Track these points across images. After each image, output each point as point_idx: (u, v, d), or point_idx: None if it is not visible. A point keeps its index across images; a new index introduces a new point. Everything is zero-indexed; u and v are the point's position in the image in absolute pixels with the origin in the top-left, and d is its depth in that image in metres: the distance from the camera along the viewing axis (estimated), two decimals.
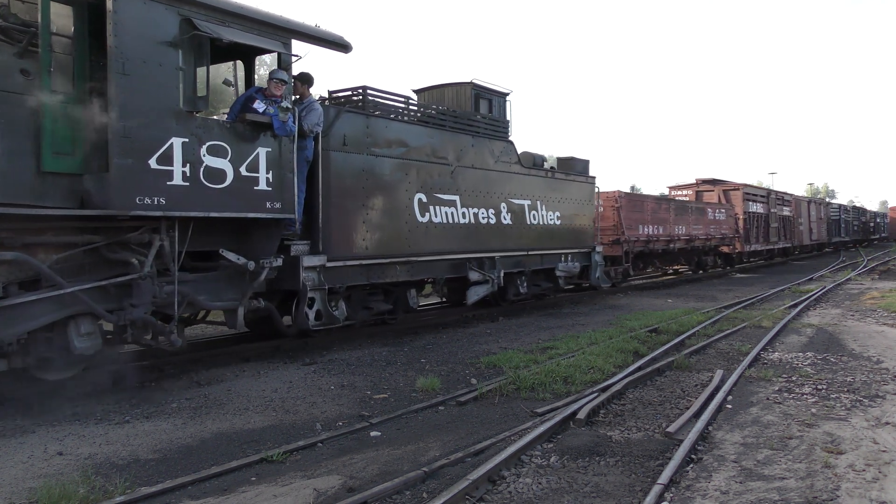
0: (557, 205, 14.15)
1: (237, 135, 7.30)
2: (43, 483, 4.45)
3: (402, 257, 10.08)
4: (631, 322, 11.81)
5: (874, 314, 12.89)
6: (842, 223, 47.19)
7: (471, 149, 11.58)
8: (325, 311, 8.72)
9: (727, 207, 26.16)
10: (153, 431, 5.71)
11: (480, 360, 8.65)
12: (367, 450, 5.27)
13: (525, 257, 13.04)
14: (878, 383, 7.27)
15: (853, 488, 4.44)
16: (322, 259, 8.68)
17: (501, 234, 12.29)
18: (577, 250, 14.80)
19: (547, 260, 13.82)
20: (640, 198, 20.00)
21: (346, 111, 9.36)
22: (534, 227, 13.26)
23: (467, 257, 11.40)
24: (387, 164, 9.85)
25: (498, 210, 12.24)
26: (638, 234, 18.75)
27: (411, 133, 10.44)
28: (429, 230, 10.59)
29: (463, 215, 11.33)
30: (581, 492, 4.43)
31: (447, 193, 11.01)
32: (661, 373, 7.91)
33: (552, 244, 13.89)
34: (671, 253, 21.82)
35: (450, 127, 11.29)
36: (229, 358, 8.61)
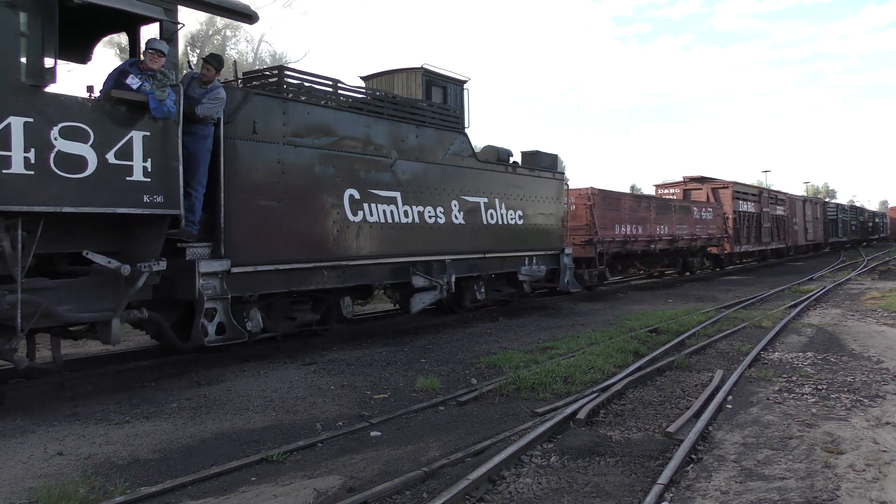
0: (520, 203, 12.92)
1: (103, 115, 6.17)
2: (43, 483, 4.45)
3: (330, 261, 8.93)
4: (631, 322, 11.81)
5: (874, 314, 12.89)
6: (839, 223, 46.24)
7: (415, 140, 10.40)
8: (228, 324, 7.51)
9: (715, 206, 25.05)
10: (153, 431, 5.71)
11: (480, 359, 8.64)
12: (367, 450, 5.27)
13: (482, 260, 11.86)
14: (879, 383, 7.27)
15: (853, 488, 4.44)
16: (224, 264, 7.52)
17: (453, 235, 11.10)
18: (543, 252, 13.58)
19: (508, 263, 12.64)
20: (616, 195, 18.58)
21: (257, 94, 8.18)
22: (492, 227, 12.05)
23: (411, 261, 10.28)
24: (309, 156, 8.68)
25: (448, 208, 11.03)
26: (613, 234, 17.44)
27: (341, 121, 9.21)
28: (363, 231, 9.43)
29: (405, 214, 10.13)
30: (581, 492, 4.43)
31: (386, 189, 9.81)
32: (661, 373, 7.91)
33: (514, 246, 12.71)
34: (652, 254, 20.46)
35: (389, 115, 10.03)
36: (229, 358, 8.61)
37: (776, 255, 33.29)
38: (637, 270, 21.83)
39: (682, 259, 22.92)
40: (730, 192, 26.19)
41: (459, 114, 11.61)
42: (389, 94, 10.59)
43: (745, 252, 27.93)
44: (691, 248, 22.72)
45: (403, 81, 11.53)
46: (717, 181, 27.09)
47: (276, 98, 8.38)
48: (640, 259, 20.33)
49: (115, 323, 6.57)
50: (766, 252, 31.04)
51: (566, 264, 14.24)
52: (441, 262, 10.83)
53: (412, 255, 10.30)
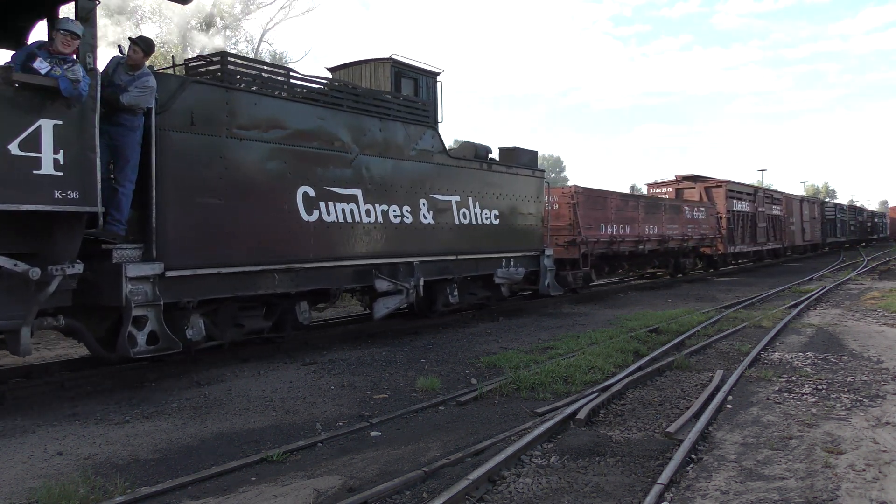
0: (496, 202, 12.23)
1: (3, 102, 5.64)
2: (43, 483, 4.45)
3: (282, 264, 8.28)
4: (631, 322, 11.82)
5: (874, 314, 12.89)
6: (837, 223, 45.64)
7: (379, 134, 9.73)
8: (161, 333, 6.84)
9: (707, 206, 24.33)
10: (153, 431, 5.71)
11: (480, 360, 8.65)
12: (367, 450, 5.27)
13: (454, 262, 11.20)
14: (879, 383, 7.27)
15: (853, 488, 4.44)
16: (156, 267, 6.88)
17: (421, 235, 10.46)
18: (521, 254, 12.91)
19: (483, 265, 11.96)
20: (601, 194, 17.83)
21: (195, 82, 7.58)
22: (464, 227, 11.39)
23: (374, 263, 9.61)
24: (257, 150, 8.06)
25: (416, 207, 10.36)
26: (599, 234, 16.79)
27: (294, 113, 8.55)
28: (319, 231, 8.77)
29: (367, 213, 9.46)
30: (581, 492, 4.43)
31: (345, 187, 9.14)
32: (661, 373, 7.91)
33: (489, 247, 12.04)
34: (641, 255, 19.68)
35: (349, 107, 9.35)
36: (229, 358, 8.61)
37: (773, 256, 32.71)
38: (625, 272, 21.07)
39: (674, 260, 22.30)
40: (723, 191, 25.58)
41: (429, 107, 10.98)
42: (349, 85, 9.85)
43: (739, 253, 27.27)
44: (683, 248, 22.09)
45: (371, 73, 10.89)
46: (710, 180, 26.48)
47: (218, 87, 7.75)
48: (629, 260, 19.66)
49: (25, 332, 5.98)
50: (762, 253, 30.42)
51: (546, 266, 13.56)
52: (408, 264, 10.21)
53: (375, 256, 9.67)
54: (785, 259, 34.24)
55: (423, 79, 11.23)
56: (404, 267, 10.12)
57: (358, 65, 11.09)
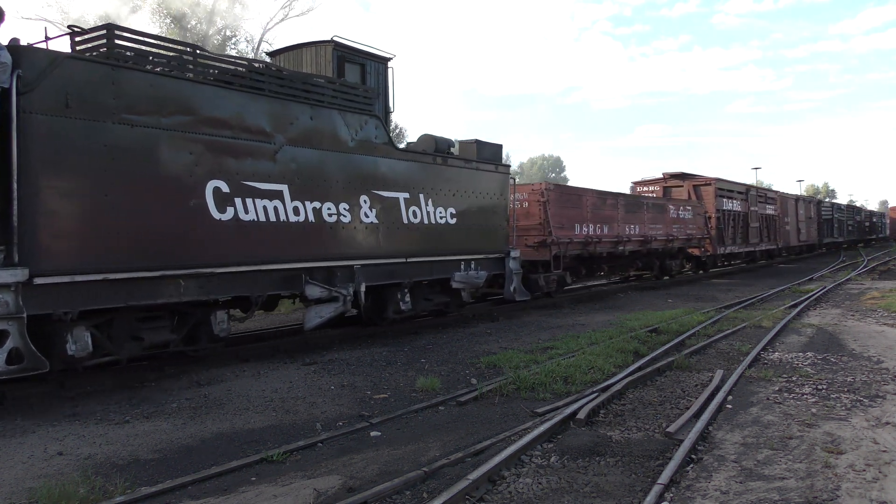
0: (452, 199, 11.23)
1: None
2: (43, 483, 4.45)
3: (190, 269, 7.34)
4: (631, 322, 11.82)
5: (874, 314, 12.89)
6: (835, 223, 44.40)
7: (309, 123, 8.74)
8: (26, 351, 5.94)
9: (695, 205, 23.07)
10: (153, 431, 5.72)
11: (480, 360, 8.65)
12: (367, 450, 5.28)
13: (403, 266, 10.27)
14: (879, 383, 7.27)
15: (853, 488, 4.44)
16: (18, 273, 5.92)
17: (362, 236, 9.51)
18: (483, 256, 11.93)
19: (438, 268, 11.01)
20: (575, 191, 16.84)
21: (71, 58, 6.64)
22: (415, 227, 10.41)
23: (304, 267, 8.64)
24: (155, 139, 7.07)
25: (356, 205, 9.37)
26: (572, 234, 15.68)
27: (203, 97, 7.58)
28: (235, 231, 7.81)
29: (295, 211, 8.49)
30: (581, 492, 4.44)
31: (267, 182, 8.18)
32: (661, 373, 7.91)
33: (445, 248, 11.06)
34: (621, 256, 18.53)
35: (272, 92, 8.35)
36: (229, 358, 8.61)
37: (766, 257, 31.78)
38: (606, 274, 19.84)
39: (659, 261, 21.20)
40: (712, 190, 24.48)
41: (374, 94, 9.94)
42: (273, 67, 8.87)
43: (730, 254, 26.19)
44: (668, 249, 20.88)
45: (312, 57, 10.04)
46: (698, 178, 25.34)
47: (102, 64, 6.77)
48: (608, 262, 18.51)
49: None
50: (755, 254, 29.36)
51: (512, 269, 12.57)
52: (347, 268, 9.23)
53: (306, 259, 8.67)
54: (779, 261, 33.38)
55: (371, 64, 10.37)
56: (342, 271, 9.18)
57: (298, 48, 10.25)
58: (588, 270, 17.82)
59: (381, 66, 10.56)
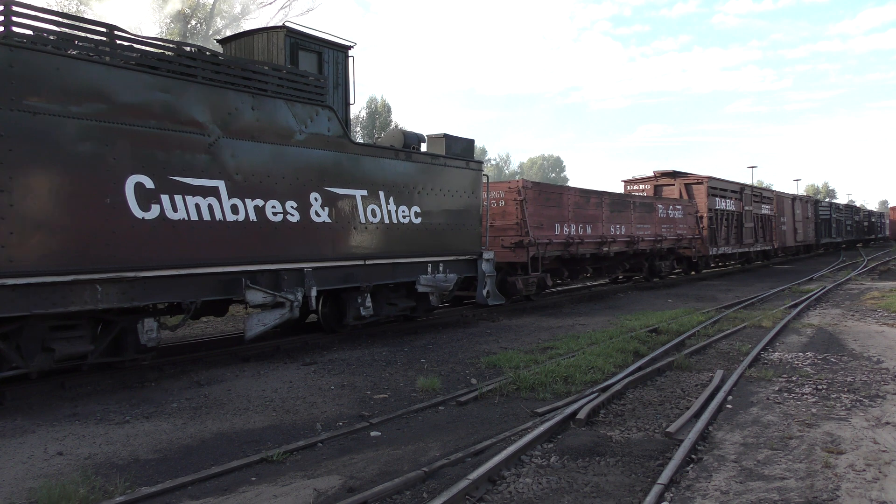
0: (417, 197, 10.54)
1: None
2: (43, 483, 4.45)
3: (107, 272, 6.67)
4: (631, 322, 11.82)
5: (874, 314, 12.89)
6: (833, 223, 44.04)
7: (251, 113, 8.10)
8: None
9: (686, 204, 22.22)
10: (153, 431, 5.72)
11: (480, 360, 8.65)
12: (367, 450, 5.28)
13: (362, 268, 9.60)
14: (879, 383, 7.27)
15: (853, 488, 4.44)
16: None
17: (313, 236, 8.81)
18: (453, 257, 11.26)
19: (402, 271, 10.35)
20: (556, 190, 16.08)
21: None
22: (374, 226, 9.73)
23: (245, 270, 7.97)
24: (61, 128, 6.43)
25: (305, 203, 8.69)
26: (552, 234, 14.90)
27: (121, 82, 6.86)
28: (162, 232, 7.15)
29: (234, 209, 7.83)
30: (581, 492, 4.44)
31: (201, 177, 7.50)
32: (661, 373, 7.91)
33: (409, 250, 10.41)
34: (605, 258, 17.78)
35: (207, 79, 7.69)
36: (229, 358, 8.62)
37: (762, 258, 31.10)
38: (593, 276, 18.77)
39: (648, 263, 20.40)
40: (704, 188, 23.60)
41: (324, 83, 9.15)
42: (207, 51, 8.03)
43: (723, 255, 25.39)
44: (656, 250, 20.02)
45: (264, 45, 9.31)
46: (690, 176, 24.37)
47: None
48: (593, 263, 17.63)
49: None
50: (750, 254, 28.56)
51: (485, 272, 11.90)
52: (295, 271, 8.59)
53: (247, 262, 8.01)
54: (774, 261, 32.75)
55: (329, 52, 9.61)
56: (290, 274, 8.52)
57: (250, 35, 9.53)
58: (571, 272, 17.01)
59: (340, 55, 9.82)
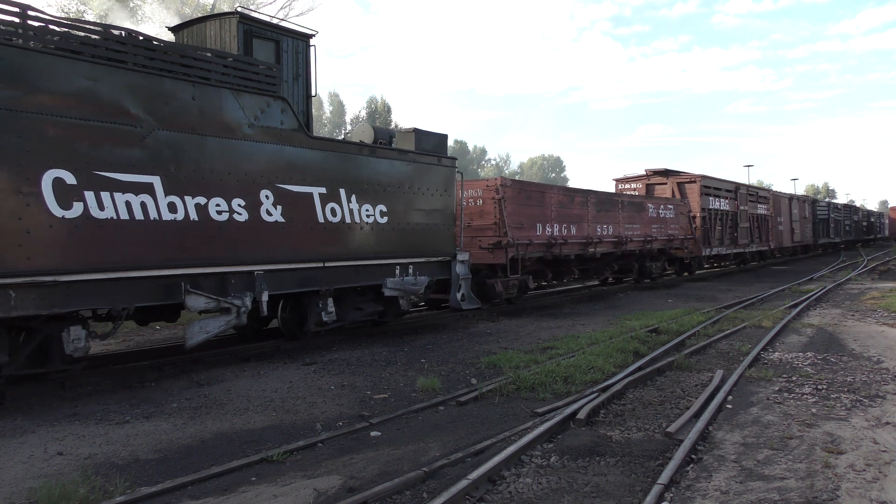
0: (383, 196, 9.88)
1: None
2: (43, 483, 4.45)
3: (21, 276, 6.12)
4: (631, 322, 11.82)
5: (874, 314, 12.89)
6: (831, 223, 43.21)
7: (192, 103, 7.45)
8: None
9: (678, 203, 21.53)
10: (153, 431, 5.72)
11: (480, 360, 8.65)
12: (367, 450, 5.28)
13: (321, 271, 8.97)
14: (879, 383, 7.27)
15: (853, 488, 4.44)
16: None
17: (265, 237, 8.16)
18: (423, 259, 10.69)
19: (366, 274, 9.71)
20: (537, 188, 15.38)
21: None
22: (335, 226, 9.08)
23: (184, 274, 7.35)
24: None
25: (255, 201, 8.06)
26: (533, 234, 14.21)
27: (32, 67, 6.25)
28: (85, 231, 6.53)
29: (171, 208, 7.19)
30: (581, 492, 4.44)
31: (133, 172, 6.86)
32: (661, 373, 7.91)
33: (375, 251, 9.77)
34: (592, 259, 17.12)
35: (138, 65, 7.00)
36: (229, 358, 8.62)
37: (758, 258, 30.39)
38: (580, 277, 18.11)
39: (638, 264, 19.71)
40: (697, 187, 22.88)
41: (277, 72, 8.49)
42: (138, 35, 7.25)
43: (717, 255, 24.70)
44: (646, 251, 19.33)
45: (216, 32, 8.71)
46: (683, 175, 23.56)
47: None
48: (578, 265, 16.90)
49: None
50: (745, 255, 27.87)
51: (459, 274, 11.29)
52: (245, 274, 7.99)
53: (187, 265, 7.40)
54: (771, 262, 32.03)
55: (287, 41, 9.02)
56: (239, 278, 7.93)
57: (202, 22, 8.94)
58: (555, 274, 16.28)
59: (300, 44, 9.21)
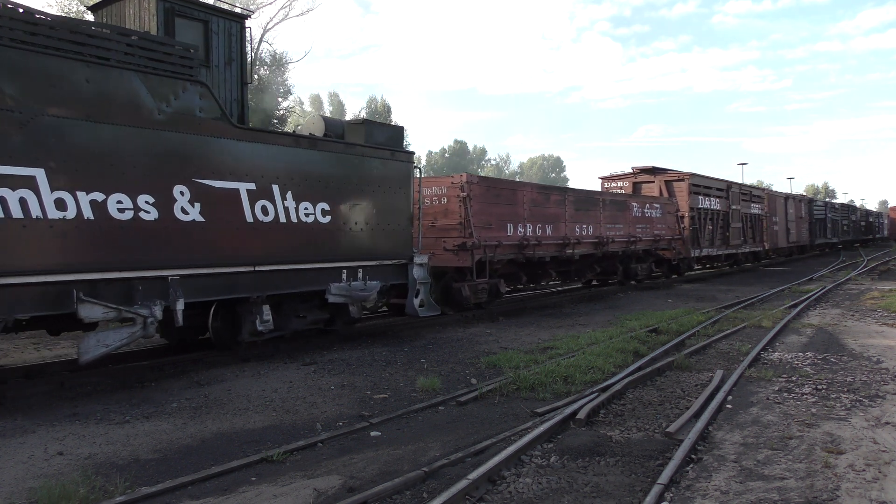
0: (326, 192, 9.00)
1: None
2: (43, 483, 4.45)
3: None
4: (631, 322, 11.82)
5: (874, 314, 12.90)
6: (828, 223, 42.52)
7: (84, 86, 6.64)
8: None
9: (665, 202, 20.69)
10: (153, 431, 5.72)
11: (480, 360, 8.65)
12: (367, 450, 5.28)
13: (250, 276, 8.09)
14: (878, 383, 7.27)
15: (853, 488, 4.44)
16: None
17: (180, 238, 7.38)
18: (375, 262, 9.83)
19: (305, 279, 8.83)
20: (509, 185, 14.57)
21: None
22: (266, 226, 8.19)
23: (76, 280, 6.57)
24: None
25: (167, 197, 7.26)
26: (503, 235, 13.34)
27: None
28: None
29: (59, 205, 6.42)
30: (581, 492, 4.44)
31: (9, 164, 6.14)
32: (661, 373, 7.91)
33: (316, 254, 8.90)
34: (570, 261, 16.21)
35: (14, 41, 6.22)
36: (229, 358, 8.61)
37: (752, 259, 29.61)
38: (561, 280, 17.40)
39: (622, 266, 18.83)
40: (686, 186, 21.97)
41: (194, 53, 7.65)
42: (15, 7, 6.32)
43: (707, 256, 23.84)
44: (630, 252, 18.51)
45: (135, 11, 8.04)
46: (671, 172, 22.65)
47: None
48: (555, 267, 15.99)
49: None
50: (738, 256, 27.13)
51: (416, 278, 10.47)
52: (156, 280, 7.19)
53: (80, 269, 6.60)
54: (766, 263, 31.14)
55: (218, 21, 8.26)
56: (148, 284, 7.12)
57: (121, 0, 8.25)
58: (531, 277, 15.43)
59: (233, 26, 8.47)
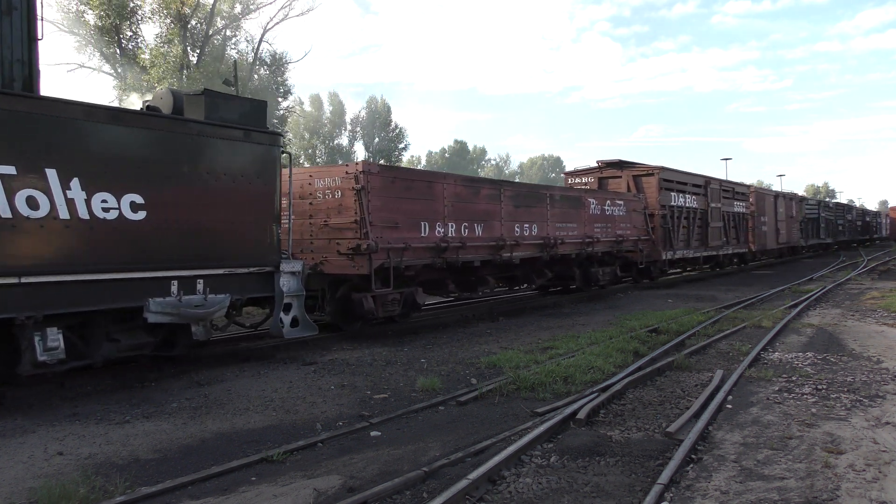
0: (139, 181, 7.06)
1: None
2: (43, 483, 4.45)
3: None
4: (631, 322, 11.82)
5: (874, 314, 12.89)
6: (821, 222, 40.48)
7: None
8: None
9: (630, 198, 18.61)
10: (153, 431, 5.72)
11: (480, 360, 8.65)
12: (367, 450, 5.28)
13: (16, 290, 6.13)
14: (878, 383, 7.27)
15: (853, 488, 4.44)
16: None
17: None
18: (222, 271, 7.84)
19: (109, 293, 6.84)
20: (422, 176, 12.28)
21: None
22: (37, 224, 6.27)
23: None
24: None
25: None
26: (414, 236, 11.02)
27: None
28: None
29: None
30: (581, 492, 4.44)
31: None
32: (661, 373, 7.91)
33: (126, 260, 6.94)
34: (509, 265, 13.80)
35: None
36: (229, 358, 8.62)
37: (738, 262, 27.68)
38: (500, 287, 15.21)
39: (581, 270, 16.56)
40: (655, 181, 19.64)
41: None
42: None
43: (681, 259, 21.48)
44: (586, 254, 16.22)
45: None
46: (639, 166, 20.42)
47: None
48: (492, 272, 13.55)
49: None
50: (719, 258, 24.83)
51: (284, 291, 8.53)
52: None
53: None
54: (754, 266, 29.07)
55: None
56: None
57: None
58: (461, 285, 12.86)
59: None
